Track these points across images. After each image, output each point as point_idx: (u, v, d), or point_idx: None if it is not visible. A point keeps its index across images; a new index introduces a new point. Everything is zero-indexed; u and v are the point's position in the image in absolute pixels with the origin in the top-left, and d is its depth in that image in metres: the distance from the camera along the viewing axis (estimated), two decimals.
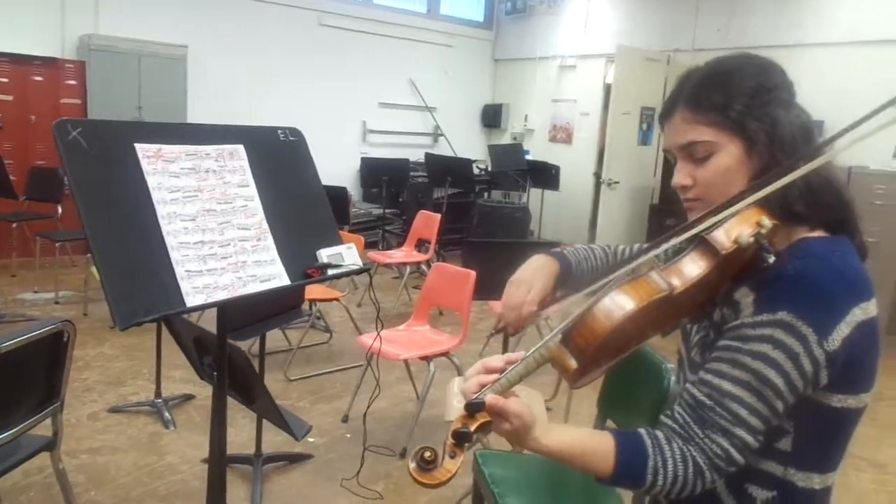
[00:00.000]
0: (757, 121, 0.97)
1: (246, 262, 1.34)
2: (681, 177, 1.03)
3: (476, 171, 8.06)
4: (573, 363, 0.92)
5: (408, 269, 5.67)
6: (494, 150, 8.20)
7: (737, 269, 0.97)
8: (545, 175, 7.70)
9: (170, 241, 1.23)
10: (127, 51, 6.26)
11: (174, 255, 1.22)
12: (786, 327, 0.91)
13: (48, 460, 2.22)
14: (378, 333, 1.07)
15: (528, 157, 8.29)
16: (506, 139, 9.10)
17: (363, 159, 7.95)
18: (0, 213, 5.12)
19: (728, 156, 0.99)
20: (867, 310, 0.94)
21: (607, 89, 7.51)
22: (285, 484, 2.86)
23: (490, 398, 0.88)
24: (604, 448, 0.93)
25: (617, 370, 2.13)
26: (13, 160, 5.80)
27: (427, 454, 0.87)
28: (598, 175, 7.67)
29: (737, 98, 0.98)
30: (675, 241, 0.98)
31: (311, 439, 3.20)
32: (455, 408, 3.02)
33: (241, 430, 3.24)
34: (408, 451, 3.12)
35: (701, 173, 1.01)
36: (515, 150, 8.26)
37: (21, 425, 1.95)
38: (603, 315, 0.91)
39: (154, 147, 1.26)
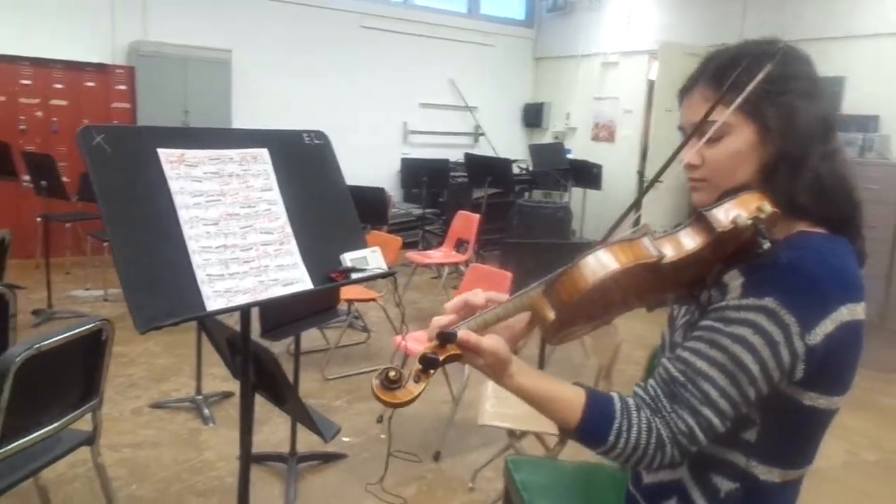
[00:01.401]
0: (774, 107, 0.97)
1: (268, 267, 1.35)
2: (690, 155, 1.02)
3: (517, 170, 8.01)
4: (552, 314, 0.92)
5: (446, 269, 5.66)
6: (535, 150, 8.14)
7: (730, 251, 0.96)
8: (587, 174, 7.61)
9: (191, 245, 1.24)
10: (174, 56, 6.42)
11: (196, 260, 1.24)
12: (769, 314, 0.91)
13: None
14: (403, 337, 1.07)
15: (570, 155, 8.21)
16: (547, 138, 9.02)
17: (403, 160, 7.98)
18: (54, 214, 5.31)
19: (741, 139, 0.98)
20: (855, 311, 0.93)
21: (650, 86, 7.39)
22: (319, 483, 2.88)
23: (462, 333, 0.89)
24: (575, 400, 0.95)
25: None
26: (67, 162, 6.00)
27: (392, 374, 0.87)
28: (641, 173, 7.54)
29: (758, 81, 0.96)
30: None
31: (345, 439, 3.22)
32: (488, 412, 2.98)
33: (278, 427, 3.28)
34: (441, 455, 3.12)
35: (711, 154, 1.00)
36: (557, 149, 8.18)
37: (61, 420, 2.01)
38: (589, 270, 0.90)
39: (177, 152, 1.28)
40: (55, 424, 1.99)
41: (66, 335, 1.90)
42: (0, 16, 5.90)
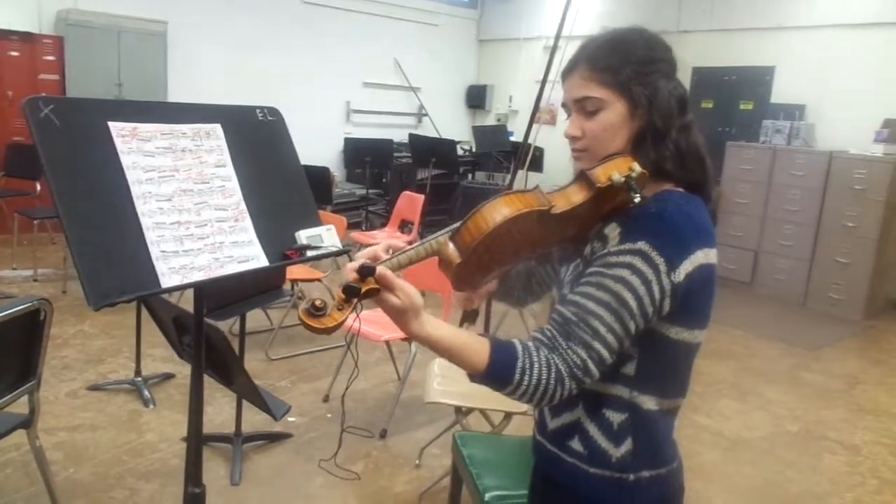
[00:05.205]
0: (641, 86, 1.12)
1: (223, 243, 1.33)
2: (572, 128, 1.18)
3: (460, 152, 8.03)
4: (457, 257, 1.05)
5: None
6: (479, 132, 8.18)
7: (607, 209, 1.12)
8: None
9: (145, 221, 1.22)
10: (106, 26, 6.15)
11: (149, 236, 1.21)
12: (643, 256, 1.06)
13: (25, 438, 2.22)
14: (357, 314, 1.08)
15: (512, 138, 8.28)
16: (490, 120, 9.08)
17: (346, 139, 7.89)
18: None
19: (614, 113, 1.13)
20: (709, 255, 1.10)
21: None
22: (265, 463, 2.87)
23: (381, 268, 0.99)
24: (479, 346, 1.05)
25: None
26: None
27: (318, 302, 0.96)
28: None
29: (627, 64, 1.12)
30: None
31: (291, 419, 3.21)
32: (435, 389, 3.02)
33: (222, 409, 3.24)
34: (388, 433, 3.15)
35: (589, 126, 1.15)
36: (500, 131, 8.24)
37: None
38: (488, 214, 1.03)
39: (129, 126, 1.24)
40: None
41: (2, 315, 1.83)
42: None
